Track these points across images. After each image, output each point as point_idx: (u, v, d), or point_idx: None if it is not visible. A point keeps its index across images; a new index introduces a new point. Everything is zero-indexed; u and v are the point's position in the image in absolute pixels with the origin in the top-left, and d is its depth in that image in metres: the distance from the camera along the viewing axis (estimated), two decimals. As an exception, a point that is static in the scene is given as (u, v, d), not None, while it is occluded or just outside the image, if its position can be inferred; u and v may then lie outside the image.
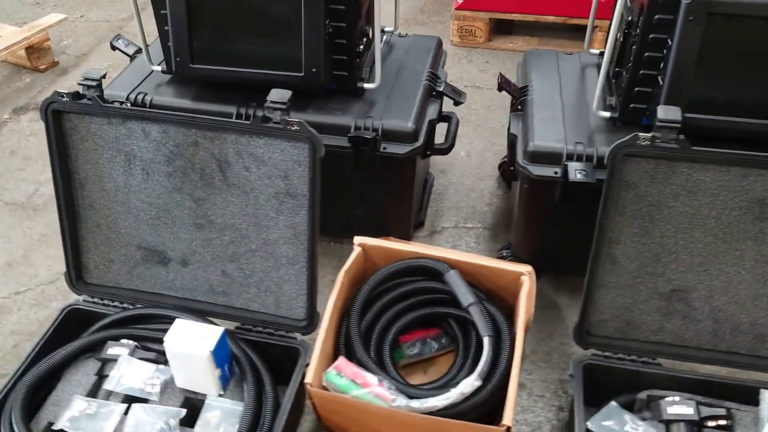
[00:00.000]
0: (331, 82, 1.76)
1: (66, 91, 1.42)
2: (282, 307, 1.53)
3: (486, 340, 1.40)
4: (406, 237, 1.96)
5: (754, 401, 1.39)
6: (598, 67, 1.92)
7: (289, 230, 1.46)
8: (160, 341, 1.41)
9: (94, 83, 1.42)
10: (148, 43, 1.85)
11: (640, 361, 1.47)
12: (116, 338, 1.49)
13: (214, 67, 1.71)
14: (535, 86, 1.83)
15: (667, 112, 1.30)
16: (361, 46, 1.75)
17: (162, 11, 1.71)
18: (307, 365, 1.45)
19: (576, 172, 1.56)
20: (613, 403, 1.40)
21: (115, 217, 1.54)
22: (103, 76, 1.43)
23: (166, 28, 1.73)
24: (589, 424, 1.36)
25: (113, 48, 2.00)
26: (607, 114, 1.67)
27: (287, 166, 1.40)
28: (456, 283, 1.48)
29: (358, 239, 1.57)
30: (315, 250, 1.45)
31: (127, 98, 1.80)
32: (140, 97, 1.79)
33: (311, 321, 1.51)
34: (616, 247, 1.41)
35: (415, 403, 1.33)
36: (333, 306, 1.47)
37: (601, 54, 1.94)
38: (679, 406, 1.36)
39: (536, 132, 1.65)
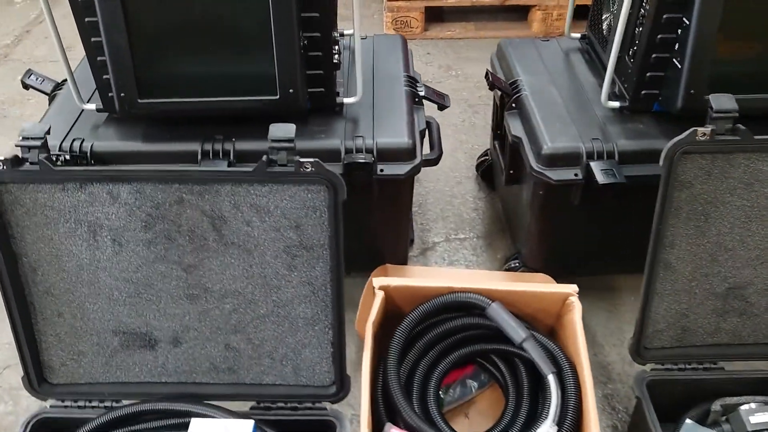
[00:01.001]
0: (306, 102, 1.52)
1: (2, 158, 1.11)
2: (303, 376, 1.30)
3: (551, 378, 1.24)
4: (403, 261, 1.77)
5: (823, 391, 1.32)
6: (582, 52, 1.80)
7: (306, 287, 1.23)
8: None
9: (37, 142, 1.12)
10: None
11: (701, 368, 1.37)
12: (108, 449, 1.21)
13: (168, 99, 1.44)
14: (525, 81, 1.68)
15: (720, 102, 1.17)
16: (336, 57, 1.53)
17: (94, 38, 1.41)
18: (347, 438, 1.25)
19: (603, 173, 1.42)
20: (689, 421, 1.29)
21: (80, 302, 1.24)
22: (48, 132, 1.13)
23: (100, 58, 1.43)
24: (675, 451, 1.24)
25: (25, 87, 1.66)
26: (617, 104, 1.54)
27: (299, 214, 1.17)
28: (502, 317, 1.31)
29: (378, 281, 1.36)
30: (341, 304, 1.23)
31: (60, 148, 1.48)
32: (77, 144, 1.48)
33: (342, 386, 1.29)
34: (670, 252, 1.28)
35: (493, 467, 1.15)
36: (369, 364, 1.26)
37: (583, 38, 1.82)
38: (762, 414, 1.27)
39: (547, 133, 1.50)
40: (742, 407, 1.29)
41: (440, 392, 1.41)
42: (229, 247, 1.20)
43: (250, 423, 1.13)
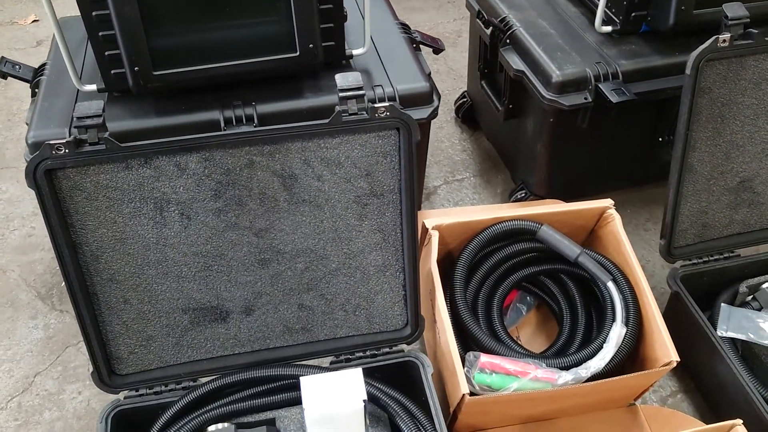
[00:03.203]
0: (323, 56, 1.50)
1: (61, 141, 1.04)
2: (376, 323, 1.32)
3: (611, 285, 1.33)
4: (418, 207, 1.80)
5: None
6: (555, -16, 1.88)
7: (377, 234, 1.25)
8: (254, 411, 1.20)
9: (96, 120, 1.06)
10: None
11: (722, 258, 1.51)
12: (202, 427, 1.19)
13: (185, 68, 1.37)
14: (513, 16, 1.73)
15: (733, 10, 1.28)
16: (345, 9, 1.51)
17: (96, 12, 1.32)
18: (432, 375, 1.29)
19: (613, 92, 1.52)
20: (724, 304, 1.43)
21: (148, 284, 1.20)
22: (103, 109, 1.07)
23: (103, 33, 1.34)
24: (721, 332, 1.38)
25: (3, 76, 1.53)
26: (609, 28, 1.63)
27: (370, 161, 1.18)
28: (554, 237, 1.38)
29: (430, 222, 1.40)
30: (415, 247, 1.25)
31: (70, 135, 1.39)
32: (89, 128, 1.39)
33: (416, 326, 1.32)
34: (691, 155, 1.40)
35: (582, 371, 1.24)
36: (443, 296, 1.30)
37: (555, -29, 1.89)
38: (784, 287, 1.43)
39: (552, 63, 1.57)
40: (765, 284, 1.45)
41: (496, 319, 1.48)
42: (299, 205, 1.19)
43: (358, 371, 1.14)
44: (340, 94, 1.11)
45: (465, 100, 2.13)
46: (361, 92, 1.11)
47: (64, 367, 1.52)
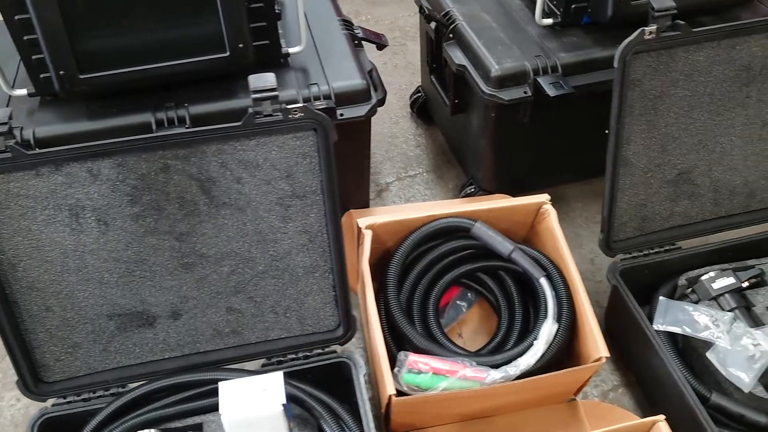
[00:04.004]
0: (254, 55, 1.49)
1: (-36, 151, 1.03)
2: (308, 324, 1.32)
3: (543, 281, 1.33)
4: (366, 205, 1.80)
5: (763, 252, 1.50)
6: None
7: (302, 236, 1.24)
8: (183, 417, 1.19)
9: (3, 128, 1.04)
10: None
11: (663, 251, 1.50)
12: (129, 433, 1.18)
13: (112, 71, 1.36)
14: (457, 10, 1.71)
15: (660, 2, 1.27)
16: (277, 7, 1.50)
17: (19, 16, 1.30)
18: (364, 376, 1.29)
19: (551, 86, 1.51)
20: (662, 297, 1.42)
21: (69, 291, 1.19)
22: (10, 116, 1.06)
23: (28, 37, 1.33)
24: (656, 326, 1.37)
25: (-65, 82, 1.51)
26: (550, 21, 1.62)
27: (289, 163, 1.17)
28: (487, 234, 1.37)
29: (363, 221, 1.39)
30: (340, 248, 1.24)
31: (-2, 139, 1.37)
32: (17, 134, 1.37)
33: (348, 327, 1.32)
34: (627, 149, 1.39)
35: (511, 369, 1.23)
36: (374, 297, 1.29)
37: (501, -37, 1.87)
38: (721, 280, 1.42)
39: (492, 57, 1.56)
40: (704, 277, 1.44)
41: (435, 317, 1.48)
42: (220, 208, 1.18)
43: (279, 375, 1.13)
44: (253, 96, 1.10)
45: (419, 94, 2.12)
46: (274, 93, 1.10)
47: (4, 374, 1.52)
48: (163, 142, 1.10)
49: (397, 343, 1.34)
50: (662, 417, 1.14)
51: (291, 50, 1.54)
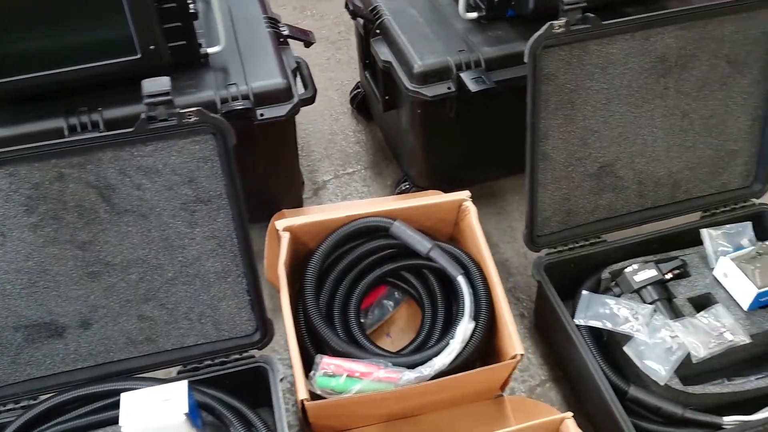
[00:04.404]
0: (169, 57, 1.46)
1: None
2: (224, 329, 1.30)
3: (460, 279, 1.32)
4: (299, 204, 1.78)
5: (687, 243, 1.50)
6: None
7: (211, 241, 1.22)
8: (94, 428, 1.17)
9: None
10: None
11: (588, 244, 1.50)
12: (36, 447, 1.16)
13: (20, 76, 1.32)
14: (384, 5, 1.69)
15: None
16: (192, 6, 1.47)
17: None
18: (281, 380, 1.28)
19: (473, 81, 1.49)
20: (585, 292, 1.42)
21: (-30, 304, 1.16)
22: None
23: (-73, 43, 1.29)
24: (577, 320, 1.37)
25: None
26: (475, 14, 1.60)
27: (190, 167, 1.15)
28: (405, 233, 1.36)
29: (281, 224, 1.37)
30: (250, 252, 1.23)
31: None
32: None
33: (265, 331, 1.30)
34: (545, 143, 1.38)
35: (425, 370, 1.22)
36: (289, 302, 1.28)
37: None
38: (642, 272, 1.42)
39: (415, 53, 1.54)
40: (627, 269, 1.44)
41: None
42: (122, 215, 1.16)
43: (184, 384, 1.12)
44: (146, 101, 1.08)
45: (359, 90, 2.10)
46: (168, 98, 1.08)
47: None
48: (56, 150, 1.08)
49: (318, 346, 1.33)
50: (570, 414, 1.14)
51: (210, 50, 1.51)
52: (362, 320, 1.46)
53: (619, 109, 1.40)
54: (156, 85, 1.08)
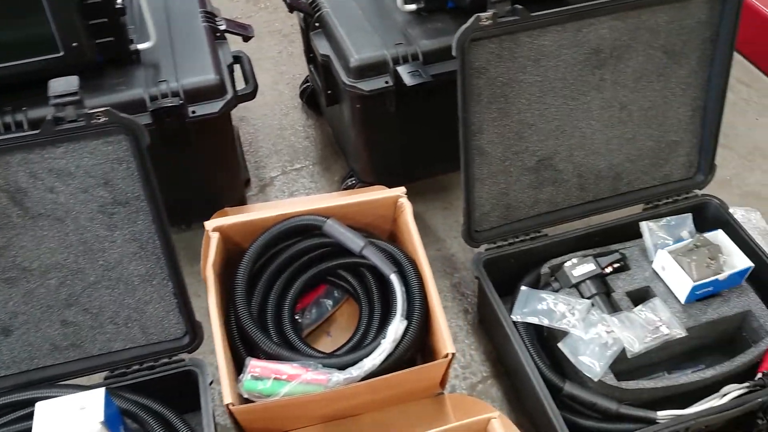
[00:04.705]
0: (96, 54, 1.42)
1: None
2: (152, 333, 1.27)
3: (393, 277, 1.29)
4: (242, 202, 1.75)
5: (629, 236, 1.48)
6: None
7: (132, 244, 1.19)
8: None
9: None
10: None
11: (528, 239, 1.48)
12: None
13: (-66, 76, 1.29)
14: (323, -2, 1.66)
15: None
16: (119, 2, 1.43)
17: None
18: (211, 383, 1.25)
19: (409, 75, 1.47)
20: (523, 287, 1.40)
21: None
22: None
23: None
24: (514, 317, 1.35)
25: None
26: (413, 6, 1.57)
27: (104, 169, 1.11)
28: (338, 231, 1.34)
29: (210, 224, 1.34)
30: (173, 254, 1.20)
31: None
32: None
33: (195, 334, 1.28)
34: (480, 138, 1.36)
35: (354, 371, 1.20)
36: (216, 307, 1.25)
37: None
38: (581, 267, 1.40)
39: (352, 46, 1.51)
40: (566, 264, 1.42)
41: (297, 317, 1.44)
42: (37, 219, 1.13)
43: (100, 391, 1.09)
44: (53, 101, 1.04)
45: (308, 84, 2.07)
46: (76, 98, 1.04)
47: None
48: (-41, 153, 1.04)
49: (250, 348, 1.30)
50: (497, 414, 1.12)
51: (140, 46, 1.48)
52: (300, 320, 1.44)
53: (555, 102, 1.38)
54: (63, 84, 1.04)
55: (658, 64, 1.41)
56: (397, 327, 1.24)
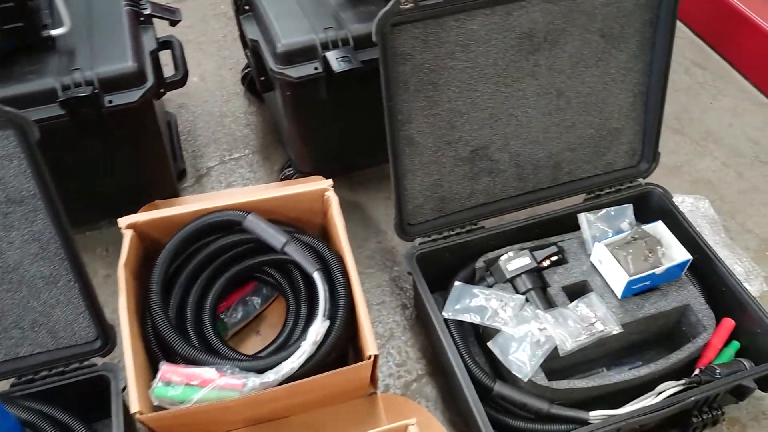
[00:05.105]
0: (5, 42, 1.34)
1: None
2: (62, 337, 1.20)
3: (316, 275, 1.23)
4: (173, 194, 1.68)
5: (571, 227, 1.43)
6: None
7: (33, 244, 1.12)
8: None
9: None
10: None
11: (464, 231, 1.43)
12: None
13: None
14: (255, -21, 1.58)
15: (418, -33, 1.16)
16: (29, -15, 1.34)
17: None
18: (124, 389, 1.19)
19: (338, 61, 1.40)
20: (457, 282, 1.35)
21: None
22: None
23: None
24: (445, 314, 1.30)
25: None
26: (344, -12, 1.50)
27: (-7, 166, 1.04)
28: (259, 227, 1.27)
29: (124, 220, 1.27)
30: (76, 255, 1.13)
31: None
32: None
33: (107, 338, 1.21)
34: (409, 127, 1.30)
35: (271, 375, 1.14)
36: (126, 308, 1.18)
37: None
38: (516, 260, 1.35)
39: (279, 30, 1.44)
40: (502, 257, 1.37)
41: (222, 316, 1.38)
42: (-77, 220, 1.05)
43: (-9, 403, 1.03)
44: (-71, 95, 0.96)
45: (249, 69, 1.99)
46: (-47, 90, 0.97)
47: None
48: None
49: (167, 352, 1.24)
50: (414, 420, 1.07)
51: (54, 32, 1.40)
52: (226, 320, 1.38)
53: (488, 89, 1.31)
54: (-60, 76, 0.97)
55: (595, 49, 1.35)
56: (318, 328, 1.18)
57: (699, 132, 1.91)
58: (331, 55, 1.40)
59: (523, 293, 1.32)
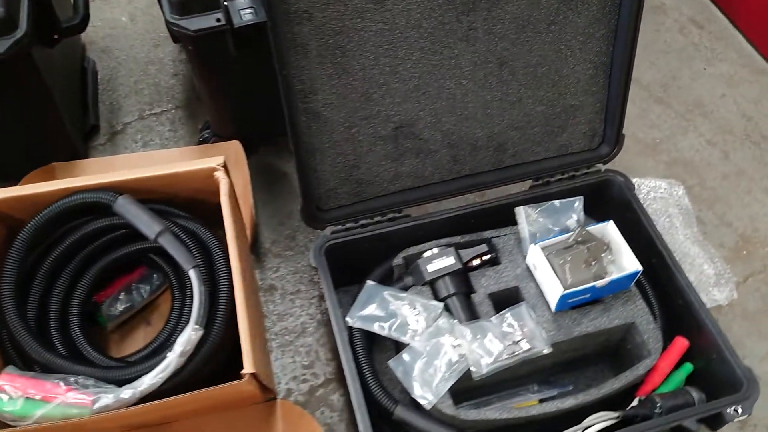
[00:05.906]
0: None
1: None
2: None
3: (192, 274, 1.05)
4: (77, 155, 1.49)
5: (512, 220, 1.23)
6: None
7: None
8: None
9: None
10: None
11: (385, 220, 1.23)
12: None
13: None
14: None
15: None
16: None
17: None
18: None
19: (241, 13, 1.17)
20: (369, 282, 1.16)
21: None
22: None
23: None
24: (349, 320, 1.12)
25: None
26: None
27: None
28: (131, 212, 1.08)
29: (-25, 199, 1.09)
30: None
31: None
32: None
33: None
34: (314, 99, 1.08)
35: (128, 392, 0.98)
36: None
37: None
38: (438, 261, 1.16)
39: (175, -29, 1.21)
40: (424, 255, 1.18)
41: (105, 306, 1.21)
42: None
43: None
44: None
45: (180, 11, 1.75)
46: None
47: None
48: None
49: (24, 357, 1.07)
50: None
51: None
52: (105, 310, 1.21)
53: (411, 57, 1.09)
54: None
55: (547, 11, 1.11)
56: (188, 337, 1.01)
57: (686, 103, 1.67)
58: (233, 6, 1.18)
59: (442, 299, 1.14)
